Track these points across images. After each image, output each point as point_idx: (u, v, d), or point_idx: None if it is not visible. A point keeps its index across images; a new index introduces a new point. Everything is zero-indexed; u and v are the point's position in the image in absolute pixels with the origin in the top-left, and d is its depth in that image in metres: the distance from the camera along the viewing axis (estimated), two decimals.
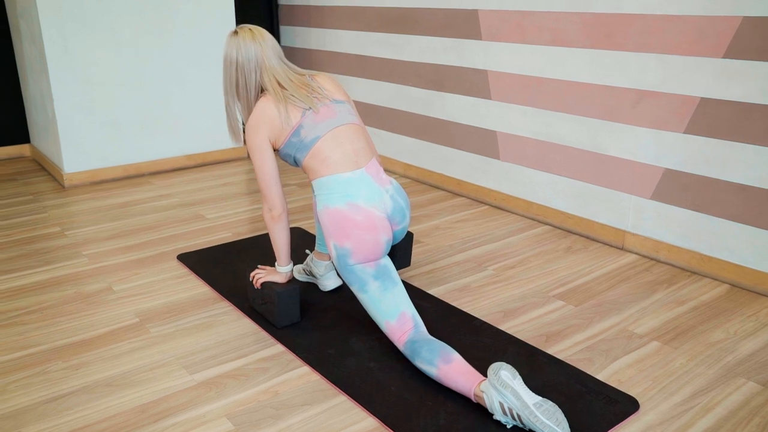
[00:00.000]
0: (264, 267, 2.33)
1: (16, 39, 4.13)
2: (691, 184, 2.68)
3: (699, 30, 2.51)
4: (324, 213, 2.04)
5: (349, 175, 2.05)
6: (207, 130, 4.32)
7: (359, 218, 2.00)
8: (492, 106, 3.43)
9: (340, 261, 2.03)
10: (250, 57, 2.09)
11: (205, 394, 1.90)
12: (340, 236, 2.01)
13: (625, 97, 2.82)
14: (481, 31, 3.37)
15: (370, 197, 2.04)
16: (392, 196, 2.10)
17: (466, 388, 1.79)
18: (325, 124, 2.08)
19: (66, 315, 2.36)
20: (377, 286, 2.01)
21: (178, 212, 3.43)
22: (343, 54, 4.38)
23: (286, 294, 2.21)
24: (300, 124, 2.07)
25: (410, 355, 1.94)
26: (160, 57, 3.99)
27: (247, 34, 2.11)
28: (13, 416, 1.80)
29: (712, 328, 2.29)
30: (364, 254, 2.01)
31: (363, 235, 2.00)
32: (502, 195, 3.49)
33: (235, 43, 2.10)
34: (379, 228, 2.03)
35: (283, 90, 2.10)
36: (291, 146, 2.09)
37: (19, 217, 3.33)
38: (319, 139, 2.06)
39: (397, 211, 2.10)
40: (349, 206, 2.01)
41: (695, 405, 1.87)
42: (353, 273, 2.02)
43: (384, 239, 2.04)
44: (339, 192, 2.03)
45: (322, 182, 2.06)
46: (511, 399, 1.67)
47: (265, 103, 2.09)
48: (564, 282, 2.64)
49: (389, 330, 2.00)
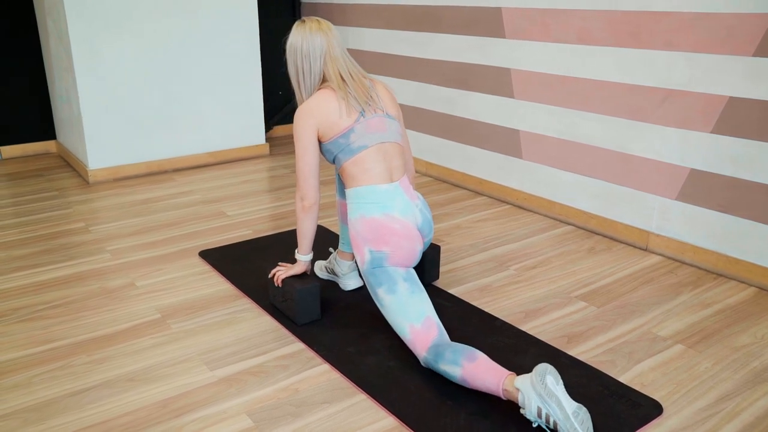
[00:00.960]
0: (284, 264, 2.33)
1: (44, 37, 4.18)
2: (717, 184, 2.63)
3: (728, 28, 2.47)
4: (360, 222, 2.06)
5: (386, 187, 2.09)
6: (229, 128, 4.35)
7: (397, 226, 2.04)
8: (515, 105, 3.40)
9: (374, 263, 2.04)
10: (315, 46, 2.11)
11: (225, 391, 1.91)
12: (377, 242, 2.03)
13: (651, 97, 2.78)
14: (505, 29, 3.35)
15: (404, 210, 2.08)
16: (421, 210, 2.15)
17: (493, 384, 1.75)
18: (374, 136, 2.11)
19: (89, 310, 2.39)
20: (406, 288, 2.00)
21: (199, 209, 3.45)
22: (367, 52, 4.38)
23: (306, 291, 2.21)
24: (352, 128, 2.09)
25: (433, 358, 1.89)
26: (183, 55, 4.02)
27: (314, 24, 2.14)
28: (37, 408, 1.83)
29: (739, 332, 2.25)
30: (400, 258, 2.04)
31: (401, 242, 2.03)
32: (525, 194, 3.46)
33: (300, 31, 2.13)
34: (415, 237, 2.07)
35: (344, 84, 2.12)
36: (336, 145, 2.10)
37: (45, 213, 3.38)
38: (365, 148, 2.09)
39: (425, 224, 2.16)
40: (386, 216, 2.05)
41: (720, 410, 1.83)
42: (386, 272, 2.02)
43: (418, 248, 2.09)
44: (376, 202, 2.06)
45: (360, 191, 2.09)
46: (554, 410, 1.63)
47: (327, 93, 2.11)
48: (586, 283, 2.61)
49: (413, 334, 1.95)
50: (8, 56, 4.23)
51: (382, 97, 2.20)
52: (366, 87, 2.15)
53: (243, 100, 4.35)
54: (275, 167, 4.25)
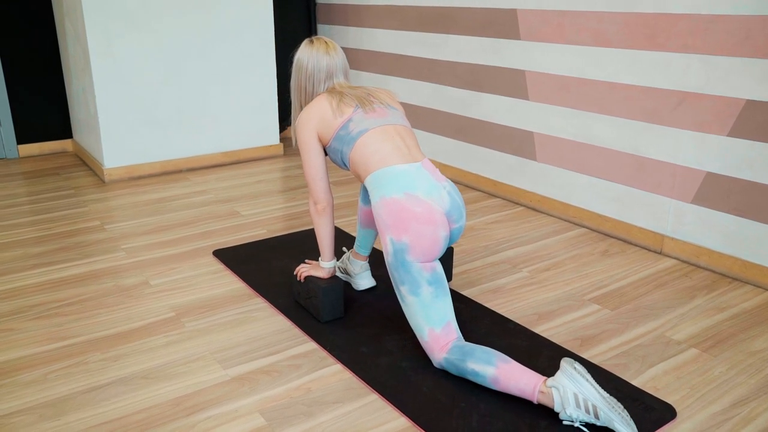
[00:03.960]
0: (310, 261, 2.36)
1: (61, 37, 4.22)
2: (734, 188, 2.61)
3: (746, 30, 2.45)
4: (381, 204, 1.97)
5: (405, 167, 2.00)
6: (243, 128, 4.37)
7: (418, 210, 1.93)
8: (530, 107, 3.40)
9: (396, 257, 1.93)
10: (320, 68, 2.15)
11: (238, 389, 1.92)
12: (398, 229, 1.93)
13: (666, 99, 2.77)
14: (520, 30, 3.34)
15: (428, 191, 1.97)
16: (449, 193, 2.02)
17: (529, 386, 1.75)
18: (374, 120, 2.09)
19: (104, 308, 2.41)
20: (430, 291, 1.93)
21: (213, 208, 3.47)
22: (381, 53, 4.38)
23: (330, 289, 2.23)
24: (349, 118, 2.08)
25: (459, 357, 1.88)
26: (199, 56, 4.05)
27: (322, 46, 2.17)
28: (53, 404, 1.84)
29: (754, 337, 2.23)
30: (422, 250, 1.92)
31: (421, 229, 1.92)
32: (538, 196, 3.45)
33: (308, 51, 2.17)
34: (438, 222, 1.94)
35: (337, 91, 2.15)
36: (338, 140, 2.09)
37: (61, 211, 3.41)
38: (366, 131, 2.06)
39: (454, 208, 2.02)
40: (408, 196, 1.94)
41: (735, 415, 1.82)
42: (409, 272, 1.93)
43: (443, 235, 1.95)
44: (396, 182, 1.97)
45: (377, 175, 2.02)
46: (588, 389, 1.66)
47: (317, 99, 2.14)
48: (600, 286, 2.60)
49: (432, 338, 1.94)
50: (27, 56, 4.27)
51: (380, 94, 2.20)
52: (362, 91, 2.17)
53: (257, 100, 4.37)
54: (289, 167, 4.27)
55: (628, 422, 1.65)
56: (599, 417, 1.65)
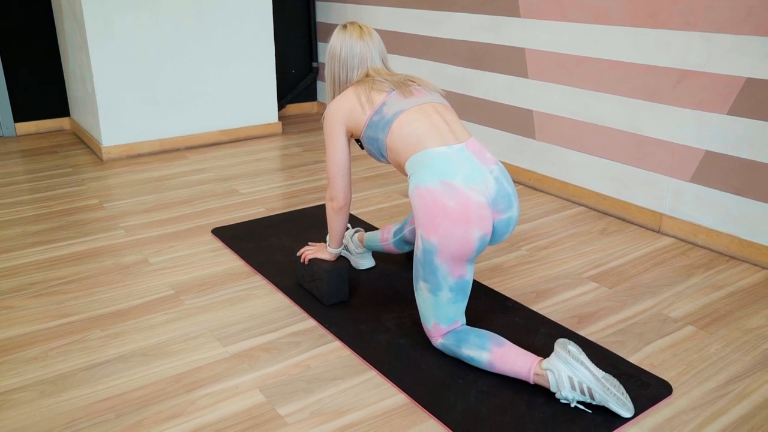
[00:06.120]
0: (314, 244, 2.34)
1: (58, 15, 4.19)
2: (732, 166, 2.61)
3: (747, 8, 2.43)
4: (416, 194, 1.82)
5: (444, 149, 1.84)
6: (242, 106, 4.35)
7: (451, 204, 1.76)
8: (529, 85, 3.38)
9: (425, 256, 1.83)
10: (354, 54, 2.04)
11: (237, 366, 1.93)
12: (428, 227, 1.80)
13: (666, 77, 2.76)
14: (520, 8, 3.32)
15: (469, 177, 1.79)
16: (497, 178, 1.83)
17: (524, 369, 1.76)
18: (410, 101, 1.96)
19: (103, 285, 2.42)
20: (449, 297, 1.86)
21: (212, 187, 3.47)
22: (380, 30, 4.35)
23: (335, 272, 2.21)
24: (384, 102, 1.96)
25: (454, 343, 1.89)
26: (197, 33, 4.01)
27: (356, 31, 2.06)
28: (54, 381, 1.86)
29: (750, 314, 2.24)
30: (450, 252, 1.79)
31: (452, 229, 1.76)
32: (537, 175, 3.45)
33: (341, 38, 2.06)
34: (473, 220, 1.76)
35: (369, 78, 2.03)
36: (373, 126, 1.97)
37: (59, 189, 3.41)
38: (402, 112, 1.93)
39: (501, 196, 1.82)
40: (443, 185, 1.78)
41: (730, 391, 1.84)
42: (434, 274, 1.83)
43: (476, 235, 1.77)
44: (432, 168, 1.81)
45: (414, 160, 1.87)
46: (582, 372, 1.67)
47: (345, 92, 2.04)
48: (598, 264, 2.61)
49: (434, 329, 1.93)
50: (23, 34, 4.24)
51: (422, 80, 2.07)
52: (401, 76, 2.04)
53: (256, 78, 4.34)
54: (288, 146, 4.26)
55: (624, 401, 1.67)
56: (594, 398, 1.67)
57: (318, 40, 5.07)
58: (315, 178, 3.61)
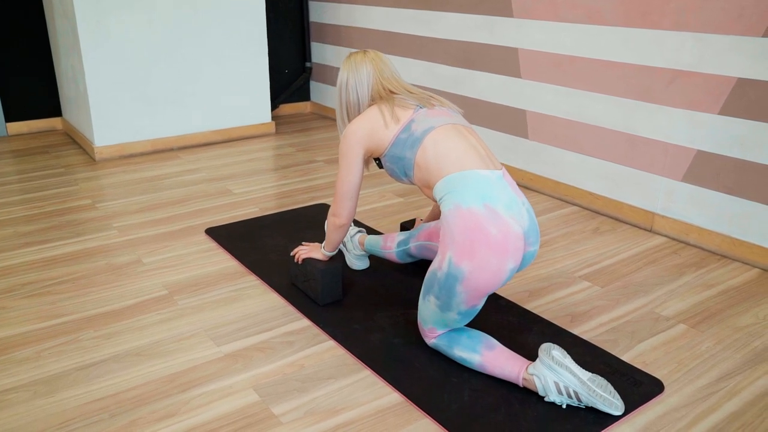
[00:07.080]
0: (307, 243, 2.34)
1: (49, 14, 4.17)
2: (724, 166, 2.63)
3: (739, 8, 2.45)
4: (456, 214, 1.72)
5: (487, 173, 1.76)
6: (235, 106, 4.34)
7: (493, 232, 1.68)
8: (522, 85, 3.39)
9: (447, 281, 1.74)
10: (361, 75, 2.01)
11: (231, 366, 1.93)
12: (462, 251, 1.70)
13: (659, 77, 2.77)
14: (513, 8, 3.33)
15: (509, 206, 1.73)
16: (528, 210, 1.80)
17: (513, 373, 1.77)
18: (441, 118, 1.90)
19: (97, 285, 2.41)
20: (455, 318, 1.83)
21: (205, 187, 3.46)
22: (373, 30, 4.35)
23: (329, 272, 2.21)
24: (411, 119, 1.90)
25: (446, 343, 1.90)
26: (190, 33, 4.01)
27: (359, 55, 2.04)
28: (47, 381, 1.85)
29: (741, 313, 2.26)
30: (478, 282, 1.71)
31: (489, 258, 1.68)
32: (530, 174, 3.46)
33: (347, 66, 2.04)
34: (510, 251, 1.70)
35: (392, 95, 1.99)
36: (399, 144, 1.90)
37: (51, 189, 3.39)
38: (433, 129, 1.85)
39: (532, 230, 1.78)
40: (487, 210, 1.70)
41: (721, 389, 1.85)
42: (450, 298, 1.76)
43: (509, 267, 1.71)
44: (477, 190, 1.72)
45: (452, 179, 1.77)
46: (567, 377, 1.68)
47: (368, 110, 1.99)
48: (591, 263, 2.62)
49: (430, 331, 1.92)
50: (14, 34, 4.22)
51: (442, 99, 2.04)
52: (423, 93, 2.01)
53: (249, 77, 4.34)
54: (281, 146, 4.26)
55: (612, 401, 1.67)
56: (581, 401, 1.69)
57: (311, 40, 5.07)
58: (308, 178, 3.61)
